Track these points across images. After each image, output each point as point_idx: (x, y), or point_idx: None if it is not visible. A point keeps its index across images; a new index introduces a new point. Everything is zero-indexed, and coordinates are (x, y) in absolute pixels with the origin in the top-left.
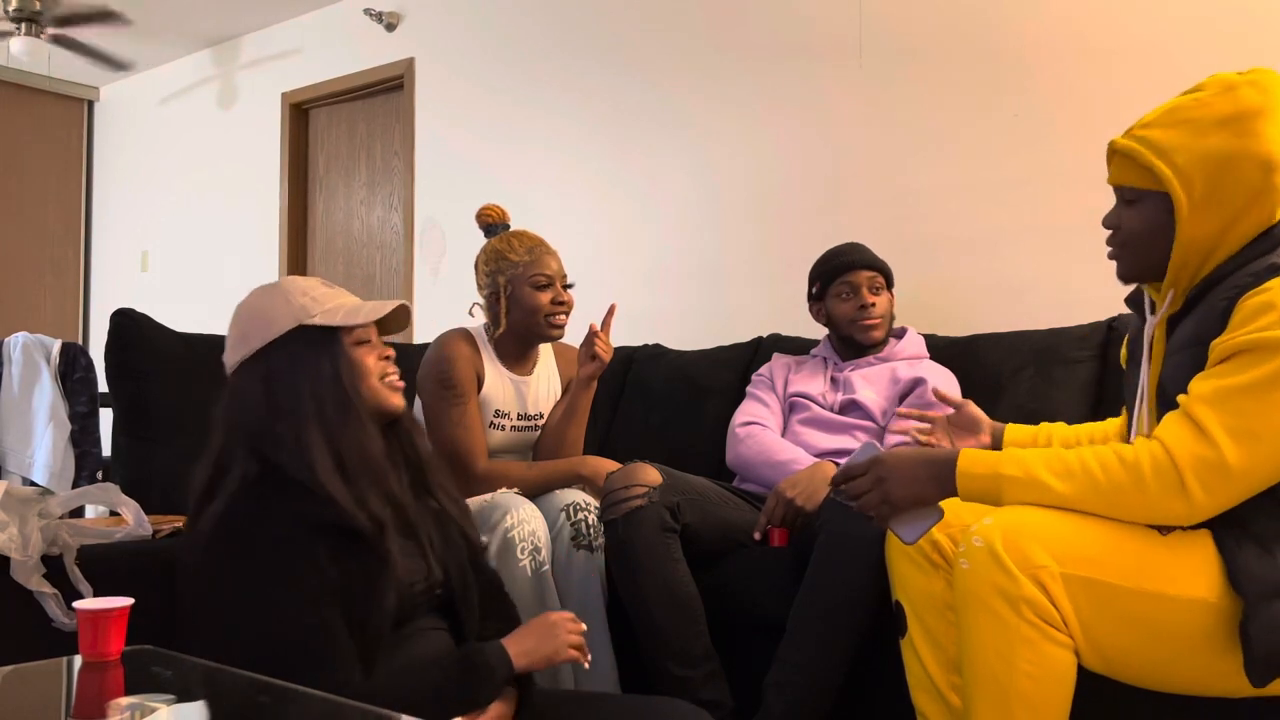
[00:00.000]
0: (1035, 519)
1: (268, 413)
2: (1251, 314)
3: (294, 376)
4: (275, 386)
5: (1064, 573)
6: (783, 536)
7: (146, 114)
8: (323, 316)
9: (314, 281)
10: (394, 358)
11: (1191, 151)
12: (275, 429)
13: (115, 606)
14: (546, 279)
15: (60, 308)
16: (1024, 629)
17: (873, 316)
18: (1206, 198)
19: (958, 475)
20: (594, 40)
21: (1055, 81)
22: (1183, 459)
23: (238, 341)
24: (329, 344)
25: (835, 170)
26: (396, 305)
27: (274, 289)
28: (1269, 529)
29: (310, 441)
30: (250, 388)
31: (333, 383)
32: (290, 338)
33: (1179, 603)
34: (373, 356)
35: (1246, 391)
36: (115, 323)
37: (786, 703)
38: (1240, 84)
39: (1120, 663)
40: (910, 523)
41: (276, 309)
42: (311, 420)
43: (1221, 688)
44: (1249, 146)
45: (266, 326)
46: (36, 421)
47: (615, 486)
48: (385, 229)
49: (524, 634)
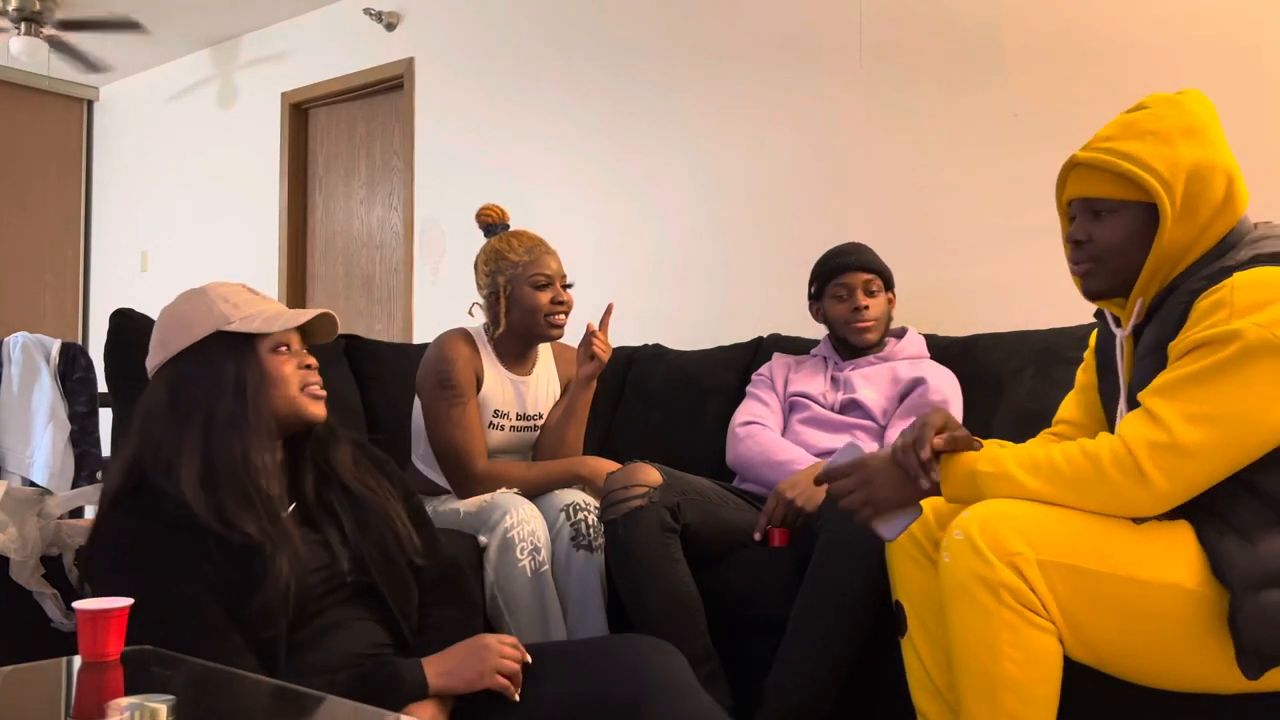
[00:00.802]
0: (1011, 509)
1: (167, 421)
2: (1205, 313)
3: (200, 383)
4: (179, 393)
5: (1040, 559)
6: (783, 537)
7: (146, 114)
8: (241, 323)
9: (238, 287)
10: (316, 367)
11: (1168, 159)
12: (162, 441)
13: (115, 607)
14: (546, 279)
15: (60, 308)
16: (1005, 614)
17: (866, 319)
18: (1186, 205)
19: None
20: (594, 40)
21: (1055, 81)
22: (1137, 446)
23: (157, 346)
24: (242, 351)
25: (835, 170)
26: (319, 313)
27: (198, 294)
28: (1249, 519)
29: (182, 453)
30: (157, 392)
31: (232, 391)
32: (205, 344)
33: (1156, 587)
34: (291, 365)
35: (1197, 379)
36: (115, 323)
37: (787, 703)
38: (1182, 100)
39: (1106, 652)
40: (890, 520)
41: (196, 315)
42: (198, 428)
43: (1213, 683)
44: (1213, 156)
45: (184, 332)
46: (36, 421)
47: (615, 486)
48: (385, 229)
49: (450, 653)
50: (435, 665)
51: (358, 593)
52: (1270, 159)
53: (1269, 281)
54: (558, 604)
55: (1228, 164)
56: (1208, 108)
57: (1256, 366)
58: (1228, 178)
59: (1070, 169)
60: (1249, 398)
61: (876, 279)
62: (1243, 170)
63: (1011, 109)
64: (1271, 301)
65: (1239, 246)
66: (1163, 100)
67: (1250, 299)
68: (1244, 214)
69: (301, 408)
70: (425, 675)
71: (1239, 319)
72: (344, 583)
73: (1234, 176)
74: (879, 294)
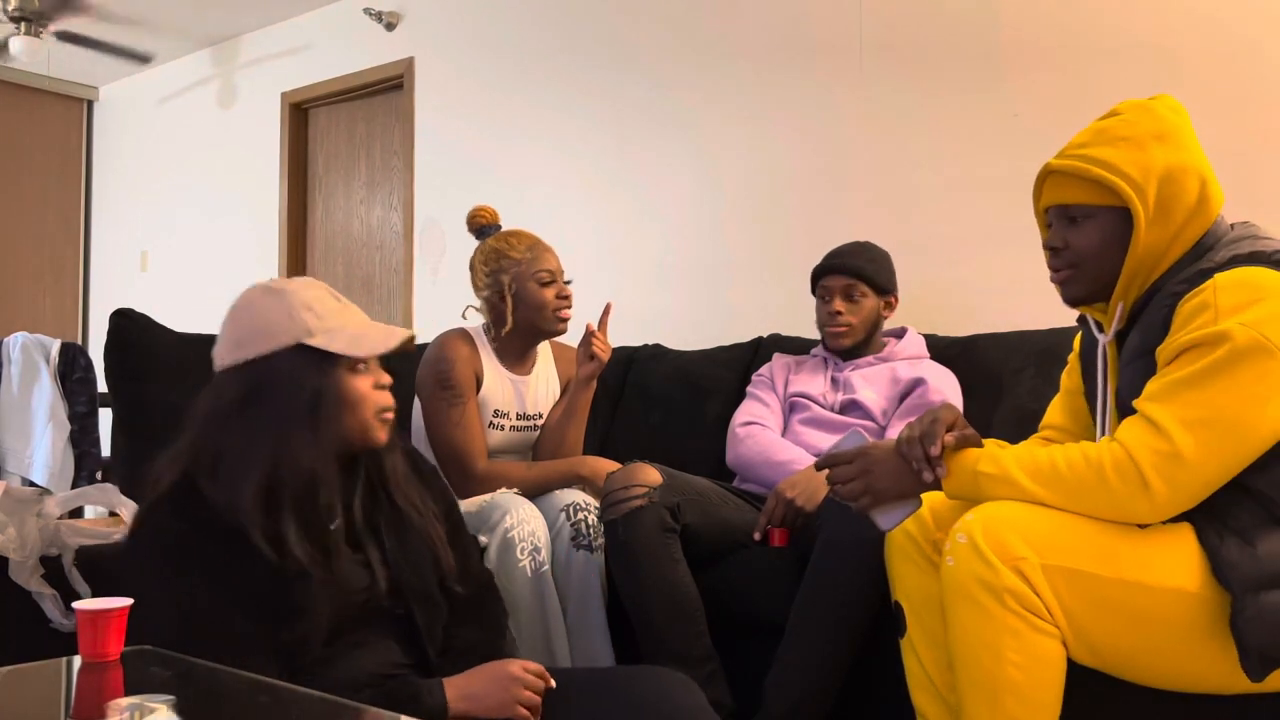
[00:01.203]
0: (1015, 512)
1: (235, 429)
2: (1189, 316)
3: (278, 397)
4: (250, 401)
5: (1044, 563)
6: (783, 537)
7: (146, 114)
8: (323, 339)
9: (322, 292)
10: (390, 386)
11: (1140, 164)
12: (225, 449)
13: (114, 607)
14: (550, 274)
15: (60, 308)
16: (1009, 619)
17: (838, 324)
18: (1159, 209)
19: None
20: (594, 42)
21: (1055, 81)
22: (1140, 455)
23: (231, 345)
24: (321, 368)
25: (835, 170)
26: (407, 337)
27: (279, 296)
28: (1247, 521)
29: (249, 469)
30: (232, 396)
31: (307, 409)
32: (284, 354)
33: (1159, 592)
34: (368, 384)
35: (1190, 383)
36: (114, 323)
37: (787, 703)
38: (1153, 105)
39: (1109, 654)
40: (889, 512)
41: (277, 322)
42: (267, 446)
43: (1216, 683)
44: (1185, 159)
45: (263, 338)
46: (36, 421)
47: (615, 487)
48: (385, 229)
49: (474, 676)
50: (457, 688)
51: (388, 613)
52: (1270, 159)
53: (1250, 281)
54: (558, 604)
55: (1200, 166)
56: (1179, 112)
57: (1247, 367)
58: (1200, 180)
59: (1045, 177)
60: (1243, 399)
61: (860, 284)
62: (1239, 170)
63: (1011, 109)
64: (1255, 301)
65: (1216, 248)
66: (1135, 106)
67: (1234, 299)
68: (1219, 215)
69: (371, 432)
70: (446, 698)
71: (1225, 319)
72: (380, 606)
73: (1207, 179)
74: (863, 299)
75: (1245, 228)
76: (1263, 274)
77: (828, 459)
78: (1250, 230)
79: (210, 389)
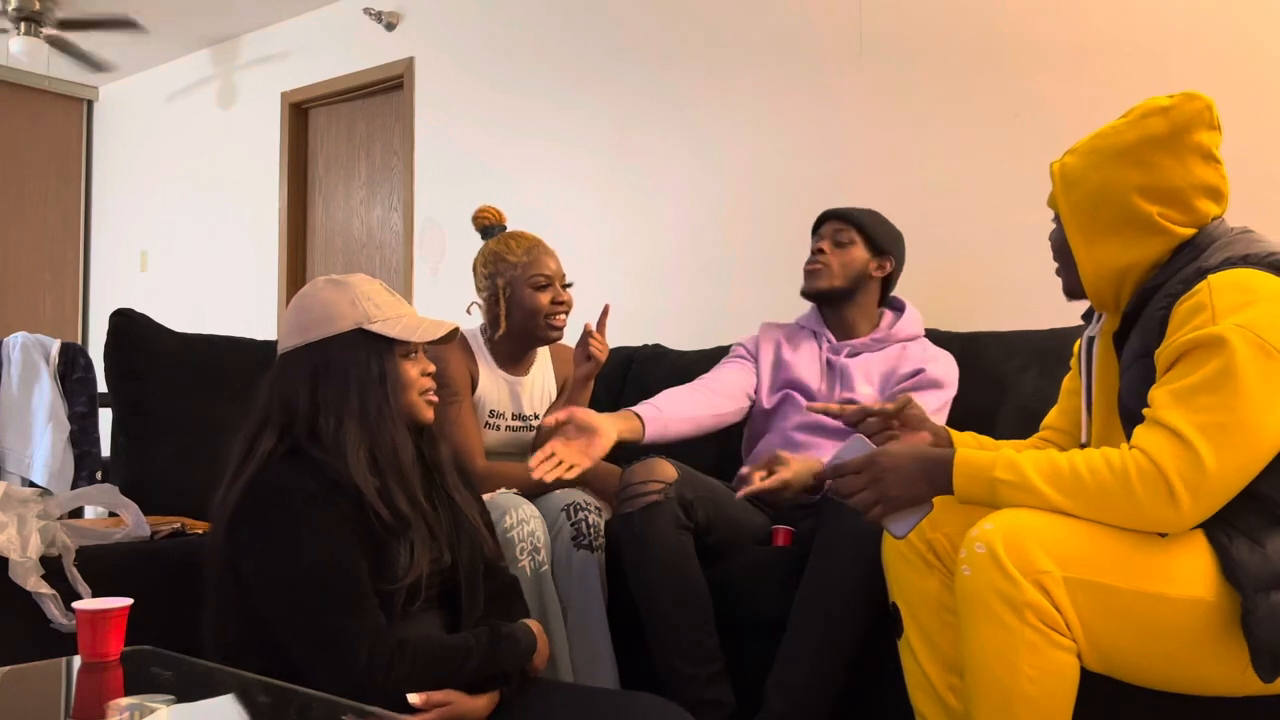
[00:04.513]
0: (1036, 522)
1: (310, 402)
2: (1186, 317)
3: (344, 374)
4: (324, 379)
5: (1066, 576)
6: (787, 536)
7: (146, 114)
8: (383, 325)
9: (377, 286)
10: (434, 373)
11: (1085, 185)
12: (317, 420)
13: (114, 607)
14: (545, 279)
15: (60, 308)
16: (1028, 634)
17: (815, 262)
18: (1092, 228)
19: (955, 476)
20: (594, 41)
21: (1055, 81)
22: (1167, 465)
23: (296, 328)
24: (383, 352)
25: (836, 169)
26: (451, 329)
27: (342, 286)
28: (1254, 524)
29: (348, 437)
30: (300, 375)
31: (378, 387)
32: (348, 337)
33: (1179, 603)
34: (416, 370)
35: (1201, 388)
36: (114, 323)
37: (788, 703)
38: (1153, 111)
39: (1122, 663)
40: (902, 518)
41: (341, 307)
42: (353, 418)
43: (1227, 686)
44: (1134, 178)
45: (329, 321)
46: (35, 422)
47: (633, 480)
48: (385, 229)
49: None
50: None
51: (441, 586)
52: (1270, 159)
53: (1243, 283)
54: (558, 604)
55: (1160, 183)
56: (1175, 121)
57: (1251, 369)
58: (1161, 196)
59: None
60: (1253, 402)
61: (850, 229)
62: (1243, 170)
63: (1011, 109)
64: (1249, 303)
65: (1211, 250)
66: (1139, 110)
67: (1230, 300)
68: (1218, 219)
69: (419, 411)
70: (536, 638)
71: (1223, 319)
72: (444, 576)
73: (1188, 189)
74: (850, 246)
75: (1242, 232)
76: (1256, 276)
77: (833, 469)
78: (1247, 234)
79: (276, 368)
